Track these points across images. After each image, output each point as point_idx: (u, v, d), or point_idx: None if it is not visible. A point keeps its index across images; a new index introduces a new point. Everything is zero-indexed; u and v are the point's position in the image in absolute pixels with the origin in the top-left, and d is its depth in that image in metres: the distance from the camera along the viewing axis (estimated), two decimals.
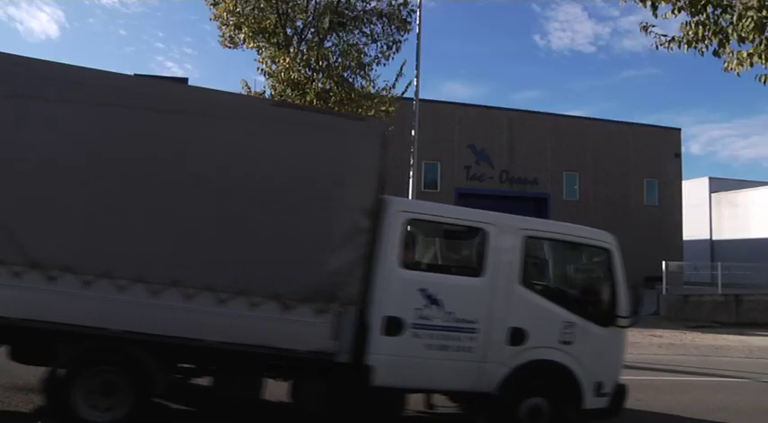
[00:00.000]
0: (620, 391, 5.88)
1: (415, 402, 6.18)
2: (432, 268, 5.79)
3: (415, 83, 15.07)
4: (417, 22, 15.31)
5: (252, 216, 4.97)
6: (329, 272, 5.02)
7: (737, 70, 6.45)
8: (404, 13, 14.41)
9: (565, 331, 5.59)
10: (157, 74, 41.77)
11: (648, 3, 6.53)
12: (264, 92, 14.18)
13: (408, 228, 5.43)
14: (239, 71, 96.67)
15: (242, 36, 14.20)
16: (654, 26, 6.76)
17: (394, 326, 5.15)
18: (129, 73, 5.08)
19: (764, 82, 6.19)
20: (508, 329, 5.44)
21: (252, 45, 14.21)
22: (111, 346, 4.83)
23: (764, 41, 6.07)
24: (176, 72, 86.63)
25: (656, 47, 6.75)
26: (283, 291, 4.93)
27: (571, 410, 5.64)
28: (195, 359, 5.24)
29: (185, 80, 27.17)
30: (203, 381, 5.61)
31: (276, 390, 5.78)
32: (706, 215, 38.07)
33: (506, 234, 5.59)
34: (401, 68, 14.50)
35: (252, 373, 5.34)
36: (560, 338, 5.58)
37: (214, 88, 5.80)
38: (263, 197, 5.03)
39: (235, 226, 4.94)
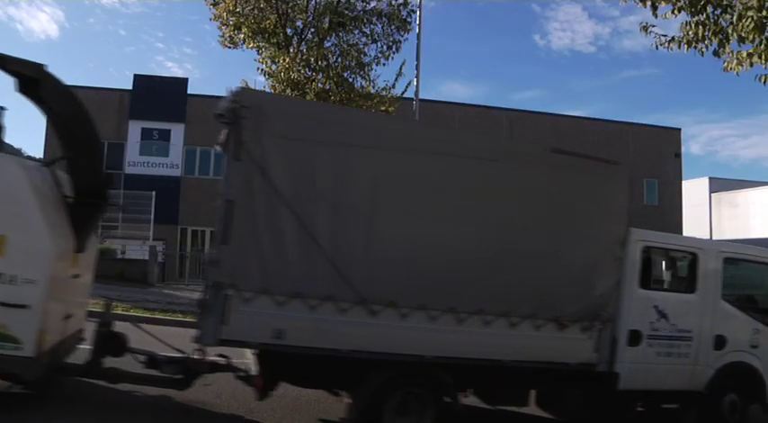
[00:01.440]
0: None
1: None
2: (660, 287, 6.68)
3: (414, 83, 15.08)
4: (417, 22, 15.33)
5: (541, 251, 5.65)
6: (596, 295, 5.84)
7: (737, 70, 6.46)
8: (404, 13, 14.38)
9: (753, 337, 6.71)
10: (157, 74, 41.81)
11: (648, 3, 6.54)
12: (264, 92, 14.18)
13: (643, 253, 6.29)
14: (239, 71, 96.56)
15: (242, 36, 14.19)
16: (654, 26, 6.79)
17: (635, 338, 6.08)
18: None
19: (764, 82, 6.20)
20: (713, 337, 6.48)
21: (252, 45, 14.21)
22: (422, 370, 5.44)
23: (764, 41, 6.07)
24: (176, 72, 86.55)
25: (656, 47, 6.78)
26: (562, 313, 5.68)
27: (757, 405, 6.72)
28: (483, 378, 5.80)
29: (185, 80, 27.19)
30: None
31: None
32: (706, 215, 38.04)
33: (711, 256, 6.61)
34: (401, 68, 14.49)
35: (526, 386, 6.08)
36: (750, 343, 6.68)
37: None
38: (549, 234, 5.72)
39: (527, 259, 5.58)
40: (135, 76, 27.13)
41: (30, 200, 4.96)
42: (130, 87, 26.07)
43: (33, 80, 5.41)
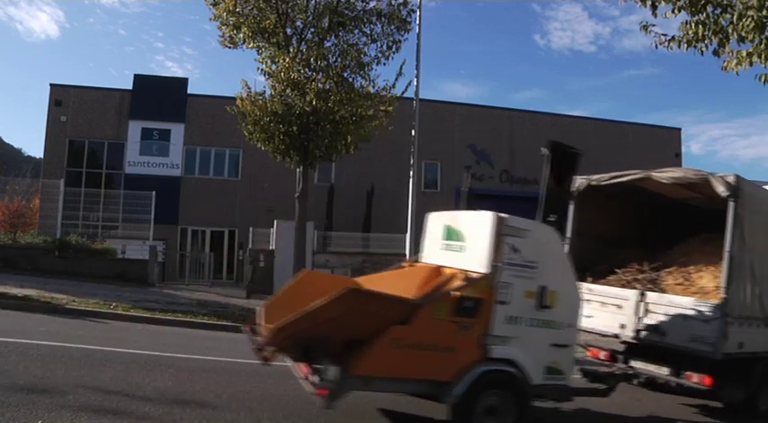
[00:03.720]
0: None
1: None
2: None
3: (414, 83, 15.09)
4: (417, 21, 15.34)
5: None
6: None
7: (737, 70, 6.47)
8: (404, 12, 14.38)
9: None
10: (157, 74, 41.86)
11: (648, 2, 6.55)
12: (264, 92, 14.21)
13: None
14: (239, 71, 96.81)
15: (242, 36, 14.19)
16: (654, 26, 6.78)
17: None
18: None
19: (764, 82, 6.20)
20: None
21: (252, 45, 14.21)
22: None
23: (764, 41, 6.08)
24: (176, 72, 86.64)
25: (656, 46, 6.78)
26: None
27: None
28: None
29: (185, 80, 27.21)
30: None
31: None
32: None
33: None
34: (401, 68, 14.48)
35: None
36: None
37: None
38: None
39: None
40: (135, 76, 27.15)
41: (568, 259, 6.39)
42: (130, 87, 26.08)
43: (577, 157, 7.78)
